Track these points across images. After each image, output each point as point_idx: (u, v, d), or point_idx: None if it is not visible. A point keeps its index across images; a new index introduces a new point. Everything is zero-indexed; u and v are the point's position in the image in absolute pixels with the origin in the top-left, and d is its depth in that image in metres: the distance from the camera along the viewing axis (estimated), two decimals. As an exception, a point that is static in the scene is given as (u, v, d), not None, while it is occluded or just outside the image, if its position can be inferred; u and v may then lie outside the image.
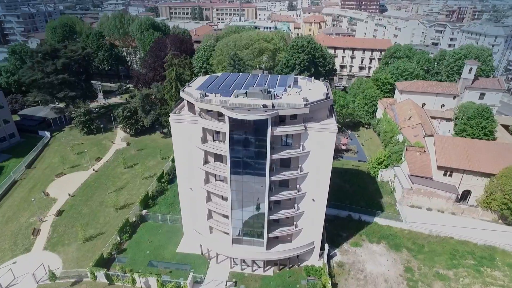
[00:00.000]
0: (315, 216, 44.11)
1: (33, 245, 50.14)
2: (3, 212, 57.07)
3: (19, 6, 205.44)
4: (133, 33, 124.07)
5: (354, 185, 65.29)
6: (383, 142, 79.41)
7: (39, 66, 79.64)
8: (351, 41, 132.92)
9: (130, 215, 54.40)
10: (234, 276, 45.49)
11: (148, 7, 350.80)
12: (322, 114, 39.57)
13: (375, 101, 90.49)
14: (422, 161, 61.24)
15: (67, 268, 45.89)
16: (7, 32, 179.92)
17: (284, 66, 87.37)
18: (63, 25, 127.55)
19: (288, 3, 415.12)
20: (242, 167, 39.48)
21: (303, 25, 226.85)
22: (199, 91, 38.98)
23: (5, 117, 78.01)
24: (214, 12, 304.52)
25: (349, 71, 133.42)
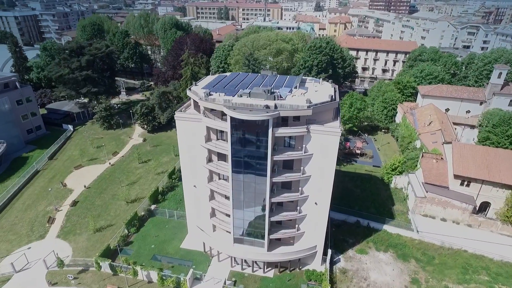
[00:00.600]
0: (318, 220, 43.35)
1: (47, 232, 52.72)
2: (24, 200, 60.37)
3: (55, 6, 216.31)
4: (157, 32, 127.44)
5: (365, 191, 63.57)
6: (401, 147, 76.77)
7: (65, 63, 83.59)
8: (375, 43, 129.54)
9: (139, 209, 55.92)
10: (234, 275, 45.64)
11: (176, 7, 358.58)
12: (326, 116, 38.80)
13: (394, 105, 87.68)
14: (438, 169, 58.63)
15: (76, 256, 47.86)
16: (43, 30, 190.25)
17: (301, 67, 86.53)
18: (92, 24, 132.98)
19: (315, 3, 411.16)
20: (244, 167, 39.49)
21: (328, 26, 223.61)
22: (204, 90, 39.43)
23: (32, 110, 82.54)
24: (240, 12, 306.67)
25: (371, 74, 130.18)
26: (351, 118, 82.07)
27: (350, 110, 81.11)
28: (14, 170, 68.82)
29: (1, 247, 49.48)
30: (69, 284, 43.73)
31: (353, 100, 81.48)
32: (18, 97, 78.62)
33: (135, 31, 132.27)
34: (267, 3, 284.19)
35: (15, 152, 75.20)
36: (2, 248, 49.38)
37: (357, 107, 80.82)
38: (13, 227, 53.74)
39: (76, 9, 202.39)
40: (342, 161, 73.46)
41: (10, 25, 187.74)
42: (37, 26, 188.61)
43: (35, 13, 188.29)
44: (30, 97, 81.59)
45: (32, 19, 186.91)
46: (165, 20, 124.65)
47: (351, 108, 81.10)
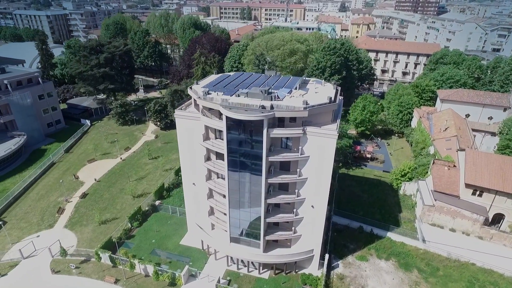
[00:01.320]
0: (315, 223, 42.67)
1: (56, 222, 55.03)
2: (38, 190, 63.31)
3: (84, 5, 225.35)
4: (176, 31, 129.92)
5: (372, 196, 61.90)
6: (414, 153, 74.17)
7: (84, 60, 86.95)
8: (395, 45, 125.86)
9: (143, 204, 57.23)
10: (229, 275, 45.76)
11: (201, 7, 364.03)
12: (324, 118, 38.07)
13: (410, 109, 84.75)
14: (449, 176, 56.14)
15: (80, 246, 49.65)
16: (72, 29, 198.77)
17: (314, 68, 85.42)
18: (115, 23, 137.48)
19: (340, 4, 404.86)
20: (239, 166, 39.51)
21: (351, 26, 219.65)
22: (203, 89, 39.83)
23: (53, 104, 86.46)
24: (262, 13, 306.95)
25: (391, 76, 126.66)
26: (364, 121, 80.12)
27: (363, 113, 79.23)
28: (32, 161, 72.27)
29: (13, 234, 52.12)
30: (70, 273, 45.42)
31: (366, 103, 79.57)
32: (40, 92, 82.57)
33: (155, 30, 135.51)
34: (288, 4, 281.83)
35: (35, 144, 79.03)
36: (14, 235, 52.01)
37: (370, 110, 78.81)
38: (25, 215, 56.48)
39: (103, 8, 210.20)
40: (351, 165, 71.90)
41: (42, 23, 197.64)
42: (66, 24, 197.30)
43: (65, 13, 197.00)
44: (51, 92, 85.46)
45: (62, 18, 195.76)
46: (184, 20, 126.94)
47: (364, 111, 79.19)
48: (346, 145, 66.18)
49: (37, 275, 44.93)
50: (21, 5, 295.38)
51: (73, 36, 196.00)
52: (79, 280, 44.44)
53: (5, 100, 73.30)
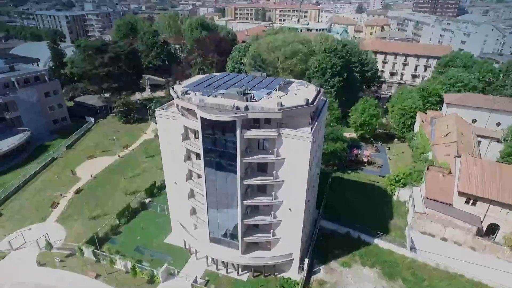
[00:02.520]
0: (293, 227, 42.11)
1: (48, 216, 56.68)
2: (36, 185, 65.42)
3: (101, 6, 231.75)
4: (184, 32, 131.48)
5: (364, 201, 60.51)
6: (412, 158, 72.03)
7: (89, 59, 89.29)
8: (404, 46, 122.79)
9: (133, 202, 58.10)
10: (208, 275, 45.79)
11: (217, 8, 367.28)
12: (301, 121, 37.47)
13: (413, 113, 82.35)
14: (443, 184, 54.17)
15: (68, 241, 50.90)
16: (88, 29, 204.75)
17: (315, 69, 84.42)
18: (126, 24, 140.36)
19: (358, 5, 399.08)
20: (215, 167, 39.53)
21: (365, 28, 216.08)
22: (183, 89, 40.12)
23: (59, 102, 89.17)
24: (277, 14, 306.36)
25: (399, 79, 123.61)
26: (363, 125, 78.49)
27: (362, 116, 77.63)
28: (35, 156, 74.69)
29: (7, 226, 54.08)
30: (55, 266, 46.65)
31: (366, 106, 77.94)
32: (46, 90, 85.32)
33: (164, 31, 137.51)
34: (302, 5, 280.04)
35: (40, 140, 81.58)
36: (8, 226, 53.96)
37: (370, 113, 77.12)
38: (21, 208, 58.47)
39: (118, 9, 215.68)
40: (346, 169, 70.57)
41: (61, 23, 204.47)
42: (83, 25, 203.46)
43: (82, 13, 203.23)
44: (57, 90, 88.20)
45: (80, 19, 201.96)
46: (192, 21, 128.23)
47: (364, 114, 77.58)
48: (340, 148, 64.96)
49: (23, 267, 46.41)
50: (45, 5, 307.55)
51: (89, 36, 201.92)
52: (62, 273, 45.60)
53: (11, 97, 76.22)
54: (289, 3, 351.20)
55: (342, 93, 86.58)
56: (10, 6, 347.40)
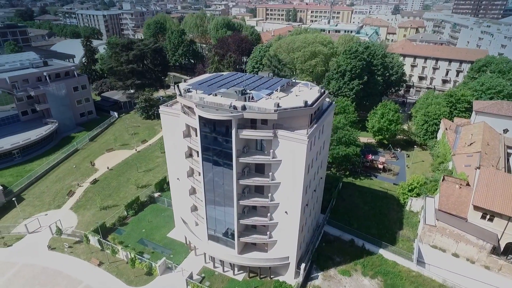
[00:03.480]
0: (289, 230, 41.43)
1: (64, 203, 59.90)
2: (58, 173, 69.36)
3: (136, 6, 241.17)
4: (210, 31, 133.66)
5: (373, 209, 58.29)
6: (431, 167, 68.35)
7: (115, 56, 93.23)
8: (435, 50, 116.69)
9: (142, 195, 59.92)
10: (205, 272, 46.21)
11: (249, 8, 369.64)
12: (299, 122, 36.80)
13: (437, 120, 78.04)
14: (459, 196, 50.88)
15: (78, 228, 53.50)
16: (123, 27, 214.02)
17: (334, 71, 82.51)
18: (156, 22, 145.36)
19: (394, 6, 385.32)
20: (213, 165, 39.81)
21: (398, 30, 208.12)
22: (187, 87, 40.85)
23: (86, 96, 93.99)
24: (308, 15, 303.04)
25: (429, 84, 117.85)
26: (381, 130, 75.61)
27: (381, 121, 74.78)
28: (60, 147, 79.26)
29: (26, 210, 57.79)
30: (63, 251, 49.22)
31: (385, 111, 75.01)
32: (75, 84, 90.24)
33: (190, 30, 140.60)
34: (333, 6, 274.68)
35: (66, 132, 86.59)
36: (27, 211, 57.64)
37: (389, 118, 74.10)
38: (41, 195, 62.26)
39: (152, 9, 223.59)
40: (360, 174, 68.35)
41: (99, 22, 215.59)
42: (119, 23, 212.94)
43: (118, 12, 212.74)
44: (85, 85, 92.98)
45: (116, 18, 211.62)
46: (218, 20, 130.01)
47: (382, 119, 74.71)
48: (352, 153, 62.97)
49: (35, 250, 49.40)
50: (89, 5, 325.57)
51: (123, 34, 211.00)
52: (69, 258, 47.98)
53: (42, 90, 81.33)
54: (322, 5, 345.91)
55: (362, 97, 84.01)
56: (58, 5, 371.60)
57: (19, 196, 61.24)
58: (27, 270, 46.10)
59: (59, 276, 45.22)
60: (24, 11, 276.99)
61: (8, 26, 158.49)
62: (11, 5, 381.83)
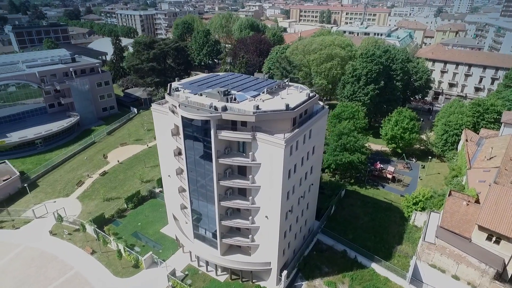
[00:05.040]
0: (270, 235, 40.60)
1: (72, 192, 63.28)
2: (72, 163, 73.44)
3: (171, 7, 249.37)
4: (234, 32, 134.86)
5: (374, 220, 55.52)
6: (445, 180, 63.78)
7: (137, 54, 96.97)
8: (469, 55, 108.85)
9: (143, 189, 61.73)
10: (189, 269, 46.61)
11: (283, 10, 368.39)
12: (279, 126, 35.91)
13: (458, 130, 72.65)
14: (465, 214, 46.94)
15: (80, 217, 56.23)
16: (156, 27, 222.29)
17: (349, 75, 79.75)
18: (184, 23, 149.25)
19: (437, 9, 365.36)
20: (195, 165, 40.05)
21: (436, 33, 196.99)
22: (178, 86, 41.59)
23: (109, 92, 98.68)
24: (343, 16, 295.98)
25: (460, 91, 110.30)
26: (395, 138, 71.85)
27: (395, 128, 71.06)
28: (80, 138, 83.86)
29: (38, 196, 61.79)
30: (63, 237, 51.98)
31: (399, 118, 71.19)
32: (99, 80, 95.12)
33: (216, 30, 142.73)
34: (369, 8, 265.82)
35: (88, 125, 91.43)
36: (39, 197, 61.62)
37: (403, 126, 70.21)
38: (54, 183, 66.25)
39: (185, 10, 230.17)
40: (366, 183, 65.44)
41: (135, 22, 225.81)
42: (153, 23, 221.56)
43: (153, 13, 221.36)
44: (108, 81, 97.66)
45: (151, 18, 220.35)
46: (242, 21, 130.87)
47: (396, 127, 70.97)
48: (356, 160, 60.40)
49: (38, 234, 52.64)
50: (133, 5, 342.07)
51: (157, 33, 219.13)
52: (66, 245, 50.59)
53: (67, 85, 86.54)
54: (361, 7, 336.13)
55: (378, 102, 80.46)
56: (104, 6, 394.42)
57: (35, 182, 65.65)
58: (28, 252, 49.25)
59: (54, 261, 47.82)
60: (72, 11, 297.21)
61: (51, 25, 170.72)
62: (64, 5, 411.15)
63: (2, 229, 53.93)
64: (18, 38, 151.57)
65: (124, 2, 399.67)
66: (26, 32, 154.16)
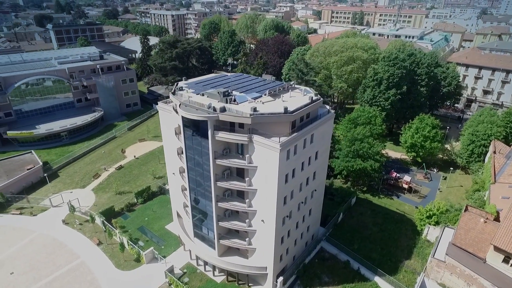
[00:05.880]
0: (266, 239, 39.89)
1: (88, 184, 66.00)
2: (92, 156, 76.66)
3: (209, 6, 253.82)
4: (259, 33, 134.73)
5: (383, 231, 53.01)
6: (466, 194, 59.63)
7: (161, 53, 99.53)
8: (507, 61, 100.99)
9: (153, 185, 63.11)
10: (187, 267, 46.94)
11: (315, 11, 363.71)
12: (277, 129, 35.13)
13: (486, 141, 67.66)
14: (481, 232, 43.55)
15: (92, 208, 58.48)
16: (187, 27, 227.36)
17: (370, 79, 76.83)
18: (211, 23, 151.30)
19: (481, 10, 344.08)
20: (195, 165, 40.24)
21: (476, 37, 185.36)
22: (184, 85, 42.11)
23: (133, 89, 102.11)
24: (376, 18, 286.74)
25: (495, 99, 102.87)
26: (414, 146, 68.25)
27: (415, 136, 67.49)
28: (102, 133, 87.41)
29: (57, 186, 65.07)
30: (74, 227, 54.32)
31: (420, 125, 67.53)
32: (124, 77, 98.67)
33: (241, 30, 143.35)
34: (400, 9, 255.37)
35: (111, 120, 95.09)
36: (57, 187, 64.89)
37: (424, 134, 66.51)
38: (73, 174, 69.49)
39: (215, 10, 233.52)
40: (380, 192, 62.71)
41: (168, 21, 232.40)
42: (184, 23, 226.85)
43: (184, 13, 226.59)
44: (133, 78, 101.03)
45: (182, 18, 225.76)
46: (267, 22, 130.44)
47: (417, 134, 67.37)
48: (369, 168, 57.92)
49: (52, 222, 55.37)
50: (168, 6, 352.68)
51: (187, 33, 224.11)
52: (76, 234, 52.81)
53: (93, 81, 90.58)
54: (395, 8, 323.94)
55: (400, 108, 76.89)
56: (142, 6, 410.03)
57: (56, 173, 69.26)
58: (41, 239, 51.94)
59: (63, 249, 50.06)
60: (110, 11, 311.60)
61: (87, 24, 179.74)
62: (105, 5, 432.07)
63: (22, 215, 57.27)
64: (57, 36, 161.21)
65: (160, 3, 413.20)
66: (65, 31, 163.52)
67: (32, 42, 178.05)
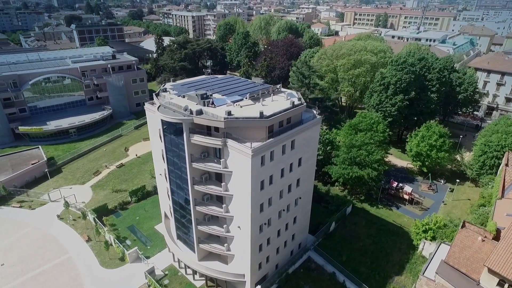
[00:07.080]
0: (243, 246, 38.90)
1: (88, 181, 67.48)
2: (96, 154, 78.46)
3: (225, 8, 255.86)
4: (272, 34, 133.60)
5: (376, 244, 50.51)
6: (470, 208, 55.82)
7: (171, 53, 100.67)
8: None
9: (148, 185, 63.54)
10: (170, 269, 46.71)
11: (338, 12, 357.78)
12: (253, 134, 34.13)
13: (499, 152, 63.11)
14: (477, 251, 40.37)
15: (88, 205, 59.67)
16: (206, 28, 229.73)
17: (377, 83, 73.90)
18: (226, 24, 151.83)
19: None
20: (174, 167, 39.94)
21: (506, 40, 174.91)
22: (169, 87, 42.06)
23: (143, 88, 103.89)
24: (400, 20, 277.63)
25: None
26: (419, 155, 64.84)
27: (421, 145, 64.08)
28: (110, 130, 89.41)
29: (59, 181, 66.99)
30: (67, 222, 55.57)
31: (427, 133, 64.05)
32: (134, 77, 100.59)
33: (255, 32, 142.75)
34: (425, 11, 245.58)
35: (120, 118, 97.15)
36: (59, 182, 66.80)
37: (430, 143, 63.00)
38: (76, 170, 71.34)
39: (234, 12, 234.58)
40: (378, 202, 59.99)
41: (188, 22, 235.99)
42: (203, 24, 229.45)
43: (203, 14, 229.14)
44: (143, 78, 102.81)
45: (201, 19, 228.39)
46: (281, 23, 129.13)
47: (423, 143, 63.93)
48: (366, 176, 55.47)
49: (48, 216, 56.95)
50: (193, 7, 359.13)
51: (206, 34, 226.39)
52: (67, 229, 54.05)
53: (103, 80, 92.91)
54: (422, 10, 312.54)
55: (407, 114, 73.48)
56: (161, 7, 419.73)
57: (59, 168, 71.36)
58: (34, 232, 53.49)
59: (54, 244, 51.27)
60: (135, 12, 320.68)
61: (109, 24, 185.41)
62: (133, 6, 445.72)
63: (21, 208, 59.31)
64: (80, 35, 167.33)
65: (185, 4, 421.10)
66: (87, 31, 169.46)
67: (58, 41, 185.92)
